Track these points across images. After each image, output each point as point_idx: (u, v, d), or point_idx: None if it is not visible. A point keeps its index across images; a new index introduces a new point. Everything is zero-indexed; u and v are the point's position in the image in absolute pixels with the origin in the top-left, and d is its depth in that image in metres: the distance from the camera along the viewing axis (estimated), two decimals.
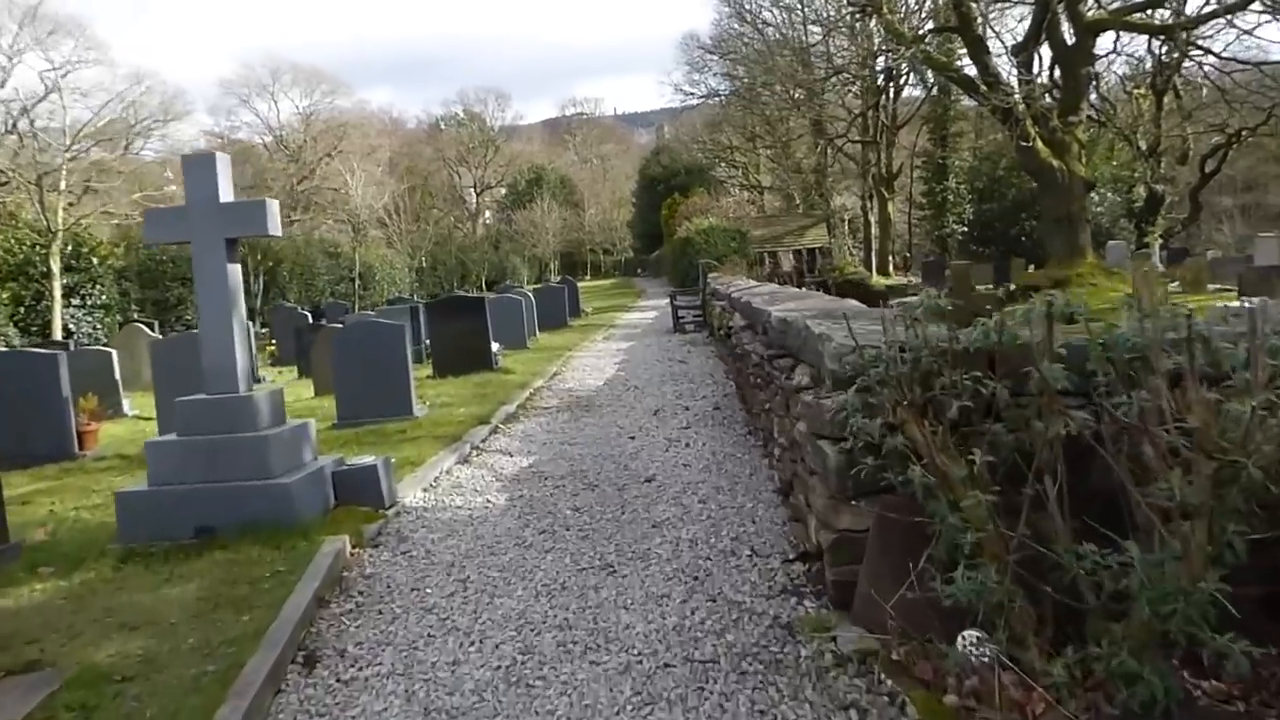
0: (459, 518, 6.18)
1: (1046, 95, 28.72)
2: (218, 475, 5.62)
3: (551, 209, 66.90)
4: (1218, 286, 25.21)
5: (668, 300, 32.38)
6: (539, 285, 37.88)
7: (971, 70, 31.43)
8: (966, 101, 50.83)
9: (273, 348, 20.31)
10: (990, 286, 33.93)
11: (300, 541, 5.34)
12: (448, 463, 7.71)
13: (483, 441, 8.71)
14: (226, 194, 5.83)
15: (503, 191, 78.91)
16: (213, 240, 5.76)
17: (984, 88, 28.25)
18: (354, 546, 5.45)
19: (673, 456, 7.71)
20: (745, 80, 48.36)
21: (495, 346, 13.51)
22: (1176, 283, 26.43)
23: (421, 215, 46.01)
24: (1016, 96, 26.90)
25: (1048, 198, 28.49)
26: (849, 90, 43.85)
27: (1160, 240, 42.56)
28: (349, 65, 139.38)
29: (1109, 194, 46.97)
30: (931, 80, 44.81)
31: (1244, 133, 38.86)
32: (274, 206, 5.92)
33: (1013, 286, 28.57)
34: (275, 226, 5.87)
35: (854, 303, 7.88)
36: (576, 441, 8.60)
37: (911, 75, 44.08)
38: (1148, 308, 3.36)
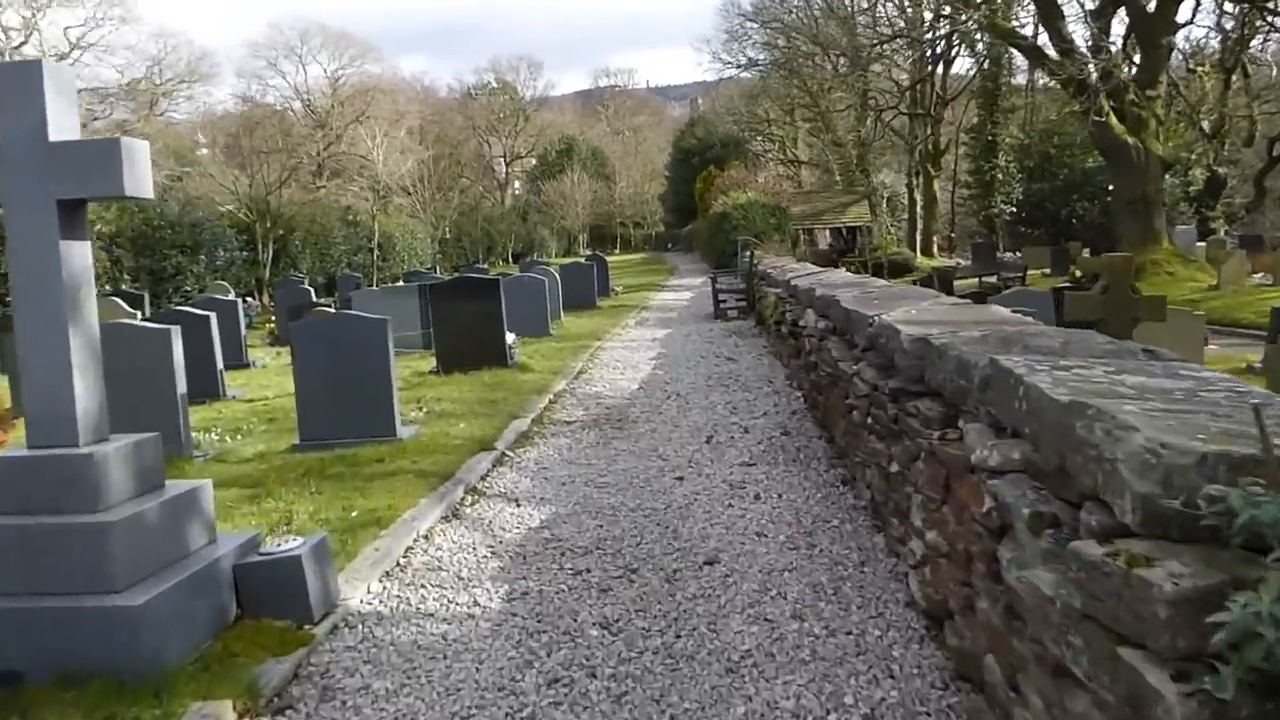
0: (427, 641, 3.97)
1: (1123, 66, 25.99)
2: (35, 584, 3.46)
3: (582, 180, 64.47)
4: None
5: (704, 280, 30.08)
6: (566, 260, 35.65)
7: (1040, 38, 28.68)
8: (1019, 77, 48.04)
9: (273, 325, 18.24)
10: (1048, 272, 31.30)
11: (145, 711, 3.15)
12: (429, 518, 5.51)
13: (482, 479, 6.50)
14: (64, 129, 3.61)
15: (533, 162, 76.52)
16: (35, 201, 3.54)
17: (1056, 56, 25.55)
18: (241, 717, 3.25)
19: (738, 515, 5.47)
20: (786, 49, 45.65)
21: (510, 338, 11.28)
22: (1261, 274, 23.73)
23: (446, 184, 43.73)
24: (1091, 66, 24.25)
25: (1122, 177, 25.83)
26: (897, 61, 41.08)
27: (1225, 226, 39.69)
28: (383, 33, 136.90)
29: (1165, 176, 43.97)
30: (983, 51, 42.00)
31: None
32: (138, 150, 3.66)
33: (1078, 274, 25.98)
34: (138, 182, 3.63)
35: (999, 309, 5.57)
36: (606, 483, 6.37)
37: (963, 47, 41.27)
38: None
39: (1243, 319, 17.42)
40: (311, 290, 20.71)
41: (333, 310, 11.53)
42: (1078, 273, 26.25)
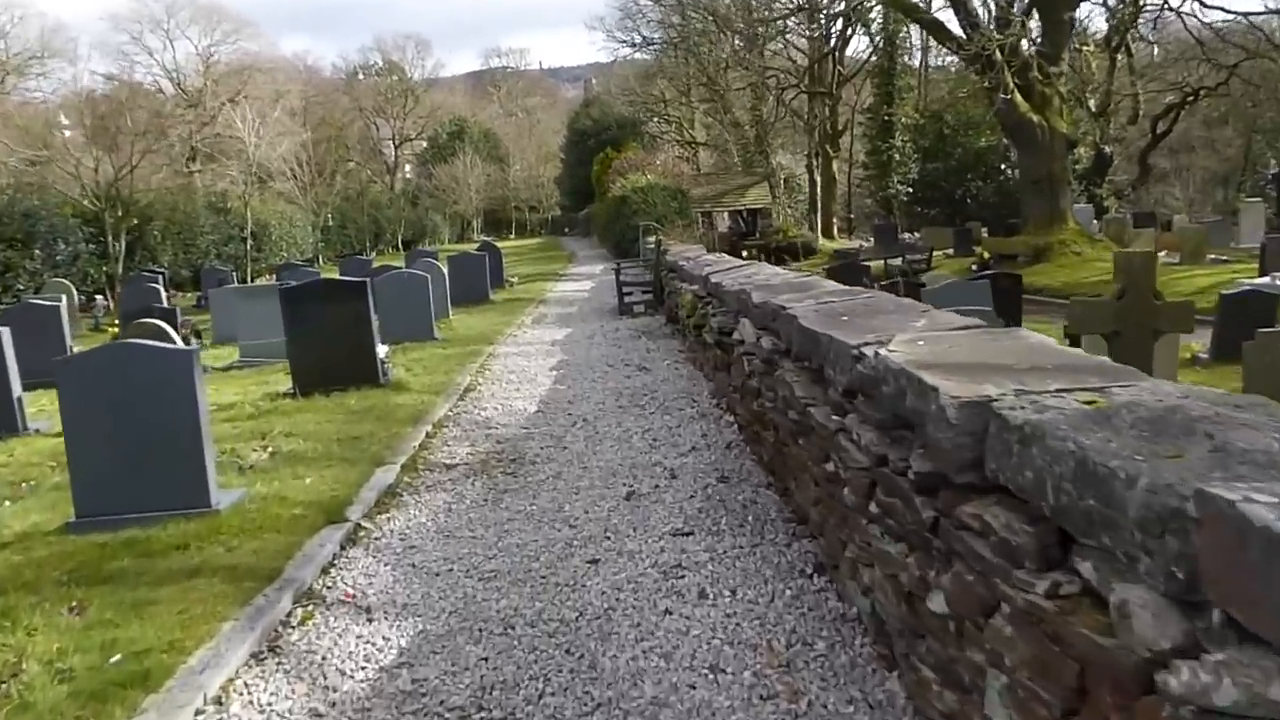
0: None
1: (1025, 43, 25.28)
2: None
3: (475, 164, 61.89)
4: (1215, 257, 22.13)
5: (605, 268, 28.36)
6: (458, 248, 33.63)
7: (942, 13, 27.84)
8: (913, 57, 47.60)
9: (116, 330, 15.84)
10: (950, 253, 30.63)
11: None
12: (230, 661, 3.69)
13: (324, 574, 4.69)
14: None
15: (423, 145, 73.36)
16: None
17: (958, 32, 24.65)
18: None
19: (681, 631, 3.84)
20: (682, 27, 44.15)
21: (383, 350, 9.38)
22: (1165, 252, 23.30)
23: (329, 167, 40.79)
24: (998, 39, 23.39)
25: (1027, 156, 25.13)
26: (794, 40, 40.05)
27: (1116, 204, 39.96)
28: (261, 9, 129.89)
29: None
30: (878, 31, 41.31)
31: (1202, 92, 36.32)
32: None
33: (985, 255, 25.25)
34: None
35: (1033, 337, 4.04)
36: (494, 570, 4.64)
37: (858, 25, 40.48)
38: None
39: None
40: (162, 289, 18.26)
41: (131, 337, 9.39)
42: (985, 254, 25.55)
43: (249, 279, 27.96)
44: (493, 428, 7.77)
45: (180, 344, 9.74)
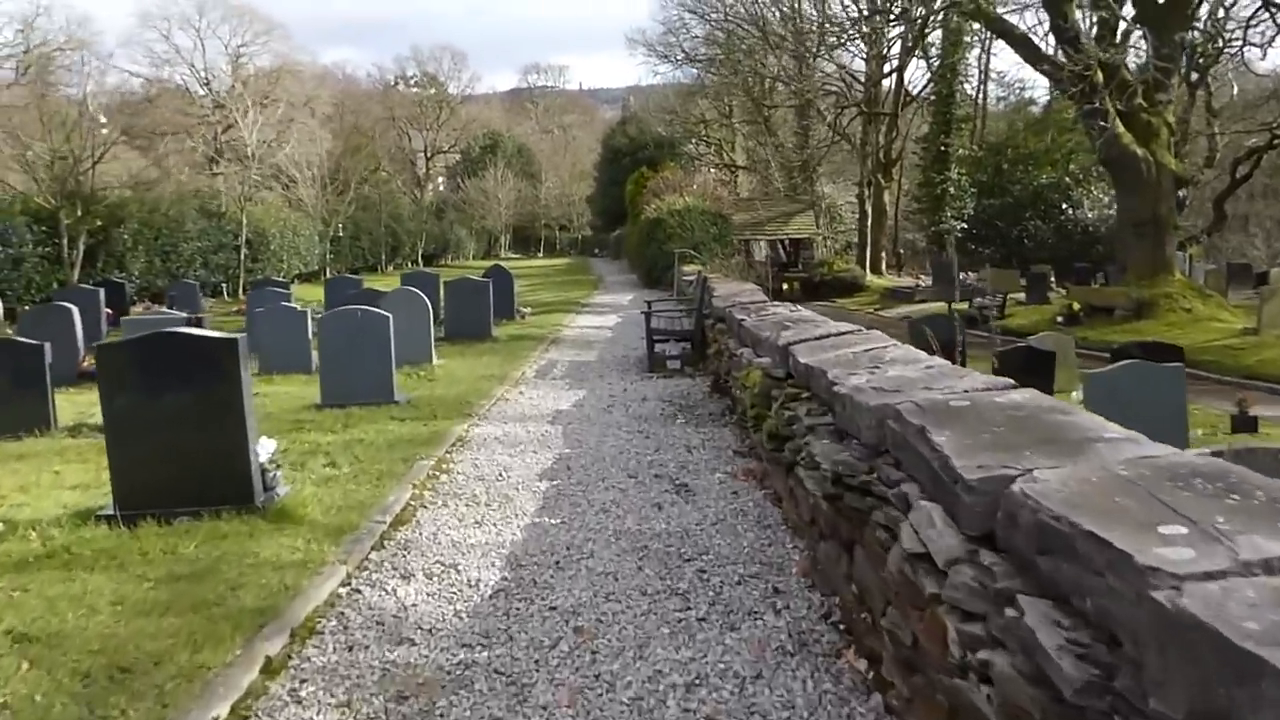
0: None
1: (1131, 62, 21.52)
2: None
3: (506, 178, 58.64)
4: None
5: (633, 299, 24.60)
6: (480, 266, 30.25)
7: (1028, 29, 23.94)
8: (969, 86, 43.68)
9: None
10: (1022, 299, 26.68)
11: None
12: None
13: None
14: None
15: (455, 158, 70.27)
16: None
17: (1061, 51, 20.81)
18: None
19: None
20: (726, 45, 40.65)
21: (265, 449, 5.65)
22: None
23: (349, 175, 37.36)
24: (1103, 56, 19.59)
25: (1129, 196, 21.16)
26: (852, 50, 36.29)
27: (1197, 253, 35.82)
28: (304, 21, 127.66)
29: (1102, 194, 40.04)
30: (938, 54, 37.60)
31: None
32: None
33: (1075, 306, 21.34)
34: None
35: None
36: None
37: (919, 48, 36.78)
38: None
39: None
40: (102, 300, 14.81)
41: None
42: (1074, 305, 21.61)
43: (240, 291, 24.57)
44: (406, 642, 4.05)
45: None
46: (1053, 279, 29.29)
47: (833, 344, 6.03)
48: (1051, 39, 21.86)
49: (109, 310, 15.64)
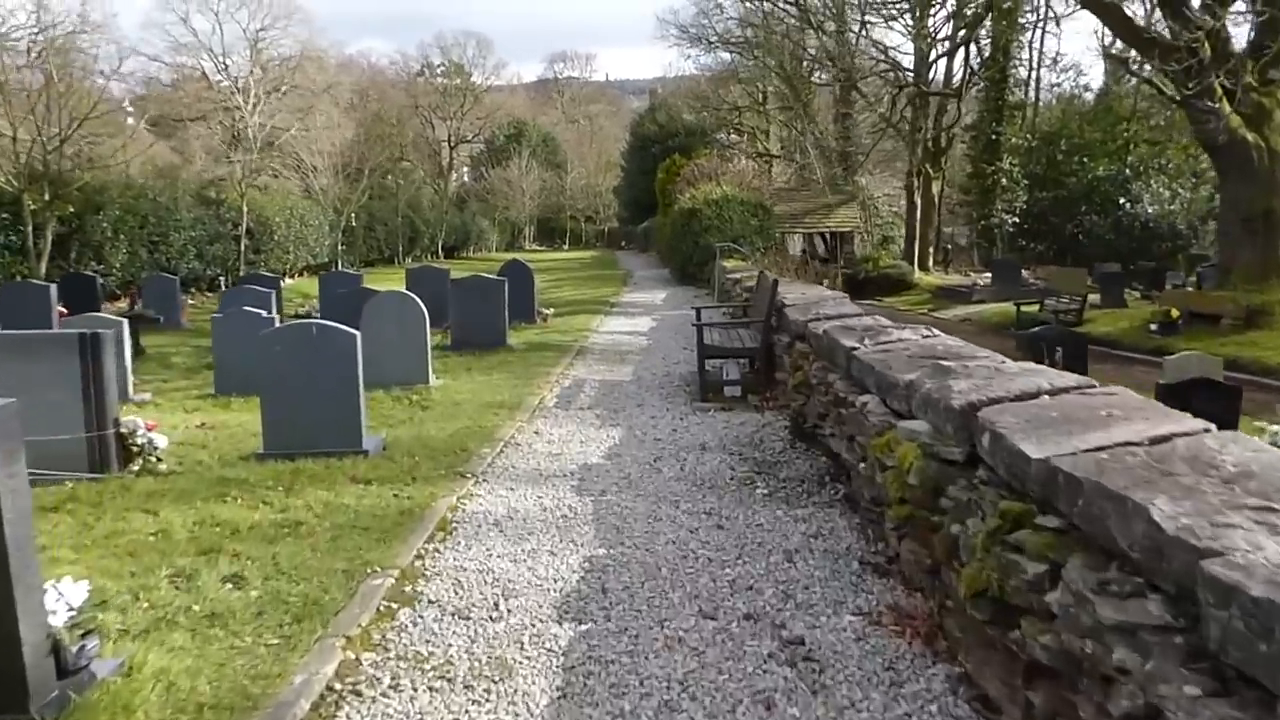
0: None
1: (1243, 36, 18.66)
2: None
3: (531, 168, 56.07)
4: None
5: (667, 297, 21.96)
6: (504, 256, 27.62)
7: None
8: (1021, 70, 40.56)
9: None
10: (1096, 301, 23.77)
11: None
12: None
13: None
14: None
15: (480, 147, 67.75)
16: None
17: (1161, 24, 17.96)
18: None
19: None
20: (765, 27, 37.82)
21: (63, 614, 3.15)
22: None
23: (366, 162, 34.84)
24: (1212, 23, 16.75)
25: (1237, 186, 18.24)
26: (890, 34, 33.41)
27: None
28: (333, 11, 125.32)
29: (1180, 189, 36.89)
30: (988, 34, 34.63)
31: None
32: None
33: (1173, 312, 18.50)
34: None
35: None
36: None
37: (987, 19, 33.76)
38: None
39: None
40: (54, 299, 12.41)
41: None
42: (1173, 310, 18.74)
43: (235, 285, 22.18)
44: None
45: None
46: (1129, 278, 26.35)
47: (1058, 408, 3.42)
48: (1142, 10, 19.06)
49: (63, 309, 13.25)
